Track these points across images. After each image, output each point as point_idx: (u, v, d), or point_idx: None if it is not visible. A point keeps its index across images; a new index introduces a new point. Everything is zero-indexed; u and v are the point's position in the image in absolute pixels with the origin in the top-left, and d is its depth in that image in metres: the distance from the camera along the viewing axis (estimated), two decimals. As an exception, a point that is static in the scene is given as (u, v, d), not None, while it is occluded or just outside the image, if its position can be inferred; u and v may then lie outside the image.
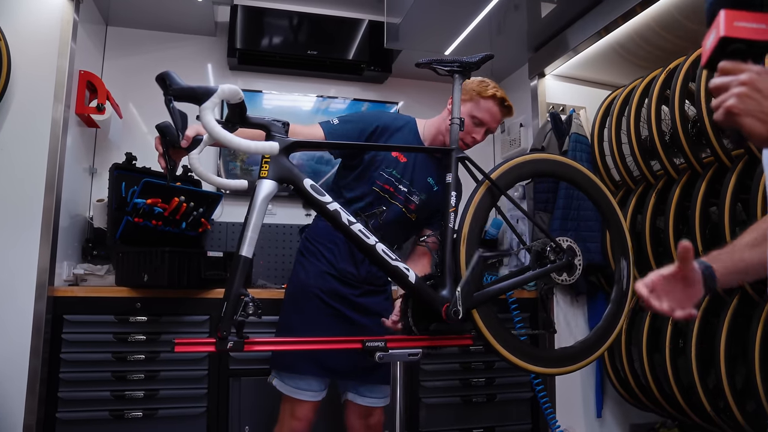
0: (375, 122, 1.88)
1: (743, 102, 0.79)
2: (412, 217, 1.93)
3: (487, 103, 1.85)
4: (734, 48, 0.82)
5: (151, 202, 2.35)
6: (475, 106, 1.86)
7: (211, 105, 1.16)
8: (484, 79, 1.92)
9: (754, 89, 0.79)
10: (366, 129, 1.86)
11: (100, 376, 2.33)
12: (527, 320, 2.78)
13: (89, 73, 2.66)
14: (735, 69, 0.81)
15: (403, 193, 1.90)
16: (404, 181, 1.90)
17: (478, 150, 3.60)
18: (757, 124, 0.78)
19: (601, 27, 2.61)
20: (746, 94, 0.79)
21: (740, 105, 0.79)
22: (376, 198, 1.87)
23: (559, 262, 1.54)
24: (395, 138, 1.90)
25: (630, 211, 2.52)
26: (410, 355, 1.37)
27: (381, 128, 1.88)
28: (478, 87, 1.87)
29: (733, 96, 0.80)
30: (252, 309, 1.22)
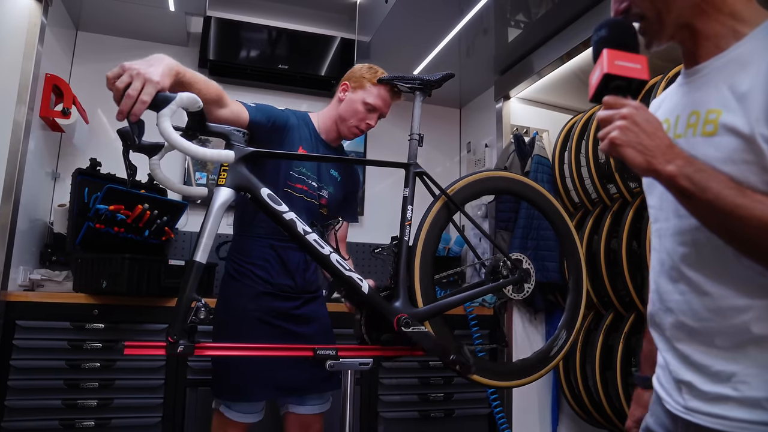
0: (285, 118, 1.88)
1: (624, 134, 0.85)
2: (323, 212, 1.94)
3: (378, 89, 1.92)
4: (616, 84, 0.90)
5: (113, 209, 2.33)
6: (367, 94, 1.92)
7: (169, 112, 1.18)
8: (372, 65, 1.97)
9: (633, 123, 0.85)
10: (277, 121, 1.84)
11: (52, 384, 2.28)
12: (486, 336, 2.82)
13: (55, 76, 2.64)
14: (616, 104, 0.88)
15: (315, 189, 1.91)
16: (313, 176, 1.91)
17: (444, 169, 3.70)
18: (636, 155, 0.84)
19: (564, 53, 2.70)
20: (626, 127, 0.85)
21: (622, 137, 0.85)
22: (288, 200, 1.74)
23: (512, 277, 1.58)
24: (300, 134, 1.91)
25: (587, 232, 2.59)
26: (361, 364, 1.39)
27: (289, 126, 1.88)
28: (368, 74, 1.93)
29: (616, 128, 0.86)
30: (204, 314, 1.22)
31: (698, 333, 0.93)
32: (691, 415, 0.94)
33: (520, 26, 2.85)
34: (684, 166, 0.83)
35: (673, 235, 0.98)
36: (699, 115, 0.93)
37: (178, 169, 3.16)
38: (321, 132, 2.01)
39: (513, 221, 2.81)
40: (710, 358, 0.91)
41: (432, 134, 3.71)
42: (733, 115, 0.87)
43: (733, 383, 0.88)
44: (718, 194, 0.81)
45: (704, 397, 0.92)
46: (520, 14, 2.80)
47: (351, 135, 1.99)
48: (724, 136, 0.87)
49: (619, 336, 2.35)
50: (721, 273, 0.91)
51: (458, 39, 2.88)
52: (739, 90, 0.87)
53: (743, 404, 0.86)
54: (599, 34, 0.95)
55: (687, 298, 0.95)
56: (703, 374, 0.92)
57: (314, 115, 2.04)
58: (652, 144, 0.84)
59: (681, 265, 0.96)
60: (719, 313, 0.90)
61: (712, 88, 0.92)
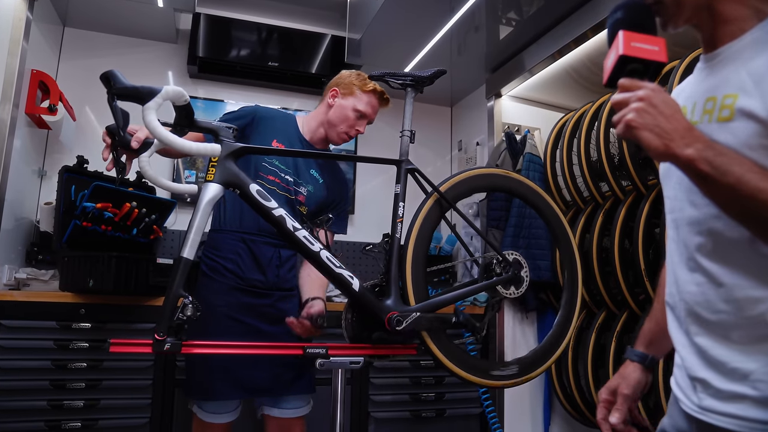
0: (252, 114, 1.91)
1: (641, 116, 0.82)
2: (302, 210, 1.92)
3: (368, 96, 1.95)
4: (632, 67, 0.87)
5: (101, 207, 2.29)
6: (357, 101, 1.95)
7: (155, 105, 1.16)
8: (360, 72, 1.99)
9: (650, 105, 0.82)
10: (243, 121, 1.87)
11: (37, 385, 2.24)
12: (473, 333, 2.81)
13: (42, 72, 2.60)
14: (633, 86, 0.85)
15: (290, 183, 1.89)
16: (289, 171, 1.90)
17: (435, 168, 3.69)
18: (653, 138, 0.81)
19: (555, 50, 2.69)
20: (643, 109, 0.82)
21: (638, 119, 0.82)
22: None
23: (505, 275, 1.57)
24: (274, 127, 1.92)
25: (579, 230, 2.58)
26: (352, 362, 1.37)
27: (258, 117, 1.90)
28: (358, 81, 1.96)
29: (632, 111, 0.83)
30: (191, 311, 1.21)
31: (714, 326, 0.91)
32: (706, 414, 0.91)
33: (512, 24, 2.85)
34: (704, 149, 0.80)
35: (688, 224, 0.96)
36: (715, 100, 0.91)
37: (167, 168, 3.12)
38: (305, 133, 2.01)
39: (504, 220, 2.79)
40: (727, 354, 0.88)
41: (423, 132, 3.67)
42: (749, 98, 0.85)
43: (751, 381, 0.85)
44: (740, 178, 0.78)
45: (720, 395, 0.89)
46: (512, 12, 2.80)
47: (340, 140, 2.00)
48: (740, 122, 0.85)
49: (612, 335, 2.34)
50: (737, 263, 0.88)
51: (449, 36, 2.87)
52: (758, 72, 0.84)
53: (760, 404, 0.84)
54: (615, 15, 0.92)
55: (703, 290, 0.93)
56: (719, 371, 0.89)
57: (300, 118, 2.05)
58: (670, 127, 0.81)
59: (697, 255, 0.94)
60: (735, 305, 0.88)
61: (729, 71, 0.90)
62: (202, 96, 3.29)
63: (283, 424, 1.91)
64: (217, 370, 1.80)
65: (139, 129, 1.40)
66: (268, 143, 1.88)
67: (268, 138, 1.89)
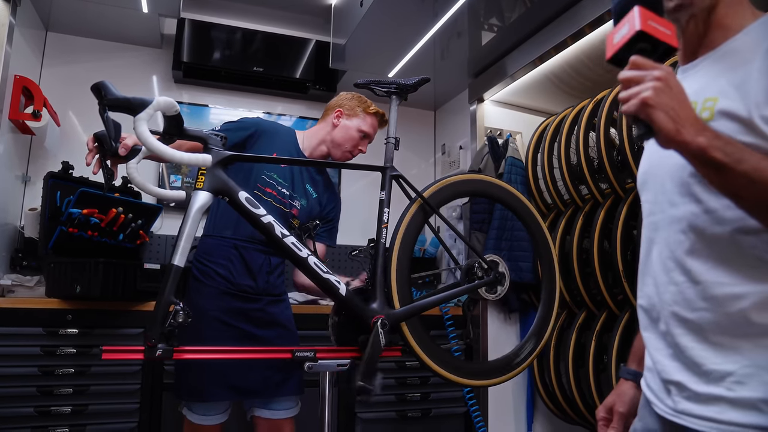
0: (254, 126, 1.97)
1: (659, 96, 0.80)
2: (294, 222, 1.98)
3: (371, 118, 2.07)
4: (642, 46, 0.85)
5: (87, 212, 2.30)
6: (362, 122, 2.05)
7: (146, 116, 1.18)
8: (360, 95, 2.08)
9: (668, 86, 0.81)
10: (245, 133, 1.94)
11: (24, 392, 2.24)
12: (461, 336, 2.86)
13: (25, 78, 2.60)
14: (648, 65, 0.83)
15: (286, 197, 1.95)
16: (285, 185, 1.96)
17: (420, 171, 3.73)
18: (667, 121, 0.80)
19: (536, 56, 2.75)
20: (661, 89, 0.80)
21: (656, 98, 0.80)
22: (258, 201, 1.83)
23: (487, 278, 1.61)
24: (274, 141, 1.97)
25: (560, 233, 2.64)
26: (339, 365, 1.41)
27: (260, 131, 1.96)
28: (361, 104, 2.06)
29: (649, 89, 0.80)
30: (182, 317, 1.23)
31: (693, 325, 0.91)
32: (681, 417, 0.92)
33: (494, 30, 2.90)
34: (713, 138, 0.80)
35: (670, 224, 0.97)
36: (696, 104, 0.93)
37: (152, 173, 3.13)
38: (304, 149, 2.07)
39: (487, 222, 2.85)
40: (705, 354, 0.89)
41: (407, 136, 3.74)
42: (730, 101, 0.87)
43: (728, 383, 0.86)
44: (757, 166, 0.78)
45: (696, 398, 0.90)
46: (494, 18, 2.85)
47: (343, 158, 2.08)
48: (721, 121, 0.88)
49: (591, 334, 2.40)
50: (717, 259, 0.89)
51: (433, 42, 2.91)
52: (738, 77, 0.87)
53: (737, 406, 0.85)
54: None
55: (681, 288, 0.94)
56: (695, 373, 0.90)
57: (300, 133, 2.10)
58: (683, 113, 0.80)
59: (676, 253, 0.95)
60: (714, 302, 0.89)
61: (709, 78, 0.94)
62: (187, 101, 3.30)
63: (273, 425, 1.95)
64: (208, 373, 1.83)
65: (127, 136, 1.43)
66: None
67: (268, 151, 1.94)
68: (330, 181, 2.14)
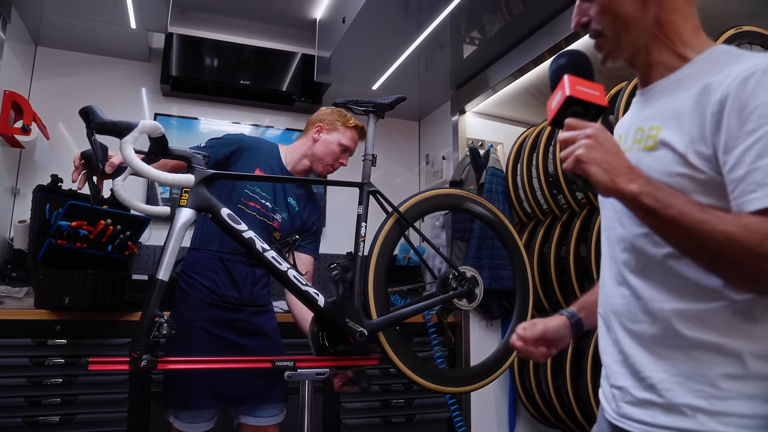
0: (237, 143, 2.01)
1: (590, 152, 0.88)
2: (276, 235, 2.03)
3: (351, 131, 2.13)
4: (575, 109, 0.95)
5: (76, 225, 2.35)
6: (342, 136, 2.11)
7: (132, 139, 1.24)
8: (340, 110, 2.14)
9: (598, 142, 0.88)
10: (228, 149, 1.98)
11: (12, 402, 2.28)
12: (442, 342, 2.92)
13: (14, 93, 2.65)
14: (580, 125, 0.92)
15: (269, 209, 2.01)
16: (269, 198, 2.02)
17: (405, 180, 3.80)
18: (601, 173, 0.87)
19: (516, 69, 2.83)
20: (592, 146, 0.88)
21: (588, 155, 0.88)
22: (240, 215, 1.83)
23: (461, 289, 1.68)
24: (258, 156, 2.03)
25: (539, 241, 2.72)
26: (318, 374, 1.47)
27: (243, 147, 2.01)
28: (340, 118, 2.12)
29: (581, 147, 0.89)
30: (166, 329, 1.29)
31: (636, 335, 0.99)
32: (622, 421, 0.99)
33: (475, 43, 2.97)
34: (645, 185, 0.86)
35: (617, 242, 1.04)
36: (643, 130, 1.00)
37: (141, 184, 3.18)
38: (287, 163, 2.12)
39: (469, 231, 2.92)
40: (644, 362, 0.96)
41: (392, 146, 3.82)
42: (670, 131, 0.94)
43: (659, 390, 0.93)
44: (682, 210, 0.83)
45: (635, 402, 0.97)
46: (475, 31, 2.93)
47: (325, 172, 2.14)
48: (662, 151, 0.94)
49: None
50: (654, 278, 0.96)
51: (417, 54, 2.98)
52: (678, 109, 0.94)
53: (666, 410, 0.92)
54: (559, 62, 1.01)
55: (627, 302, 1.01)
56: (636, 378, 0.97)
57: (282, 148, 2.16)
58: (615, 164, 0.87)
59: (622, 269, 1.03)
60: (651, 316, 0.96)
61: (656, 106, 1.01)
62: (176, 114, 3.35)
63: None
64: (194, 381, 1.88)
65: (114, 155, 1.48)
66: (251, 171, 1.99)
67: (251, 166, 1.99)
68: (312, 194, 2.20)
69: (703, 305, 0.90)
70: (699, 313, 0.91)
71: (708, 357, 0.89)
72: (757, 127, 0.81)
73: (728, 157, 0.84)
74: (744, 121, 0.83)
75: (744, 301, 0.88)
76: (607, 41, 1.04)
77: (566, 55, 1.02)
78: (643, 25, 1.00)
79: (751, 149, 0.81)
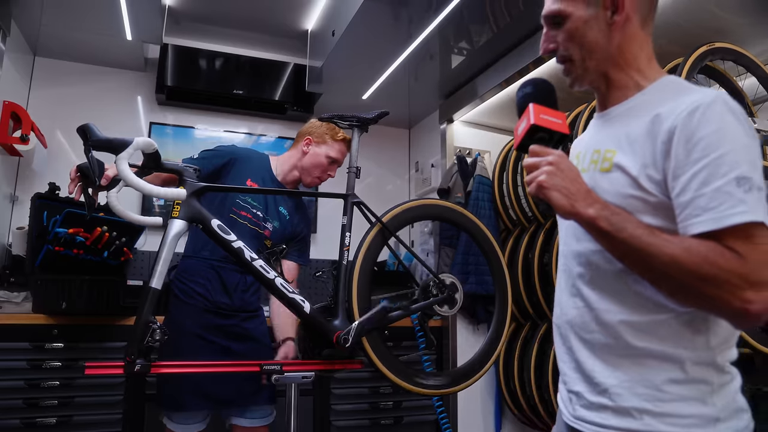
0: (229, 154, 2.09)
1: (551, 178, 0.96)
2: (267, 243, 2.11)
3: (339, 144, 2.19)
4: (540, 136, 1.02)
5: (73, 232, 2.41)
6: (330, 148, 2.18)
7: (127, 155, 1.32)
8: (328, 123, 2.18)
9: (558, 169, 0.96)
10: (221, 161, 2.06)
11: (10, 404, 2.35)
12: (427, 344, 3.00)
13: (13, 103, 2.72)
14: (543, 152, 1.00)
15: (260, 218, 2.08)
16: (260, 207, 2.09)
17: (395, 186, 3.88)
18: (561, 198, 0.95)
19: (503, 79, 2.91)
20: (553, 173, 0.96)
21: (549, 181, 0.96)
22: (232, 224, 1.94)
23: (441, 296, 1.76)
24: (249, 167, 2.10)
25: (523, 248, 2.80)
26: (304, 377, 1.55)
27: (235, 158, 2.08)
28: (329, 131, 2.18)
29: (543, 173, 0.96)
30: (159, 335, 1.36)
31: (589, 344, 1.06)
32: (578, 423, 1.07)
33: (463, 53, 3.05)
34: (601, 209, 0.94)
35: (573, 256, 1.12)
36: (600, 153, 1.08)
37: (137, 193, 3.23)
38: (278, 174, 2.20)
39: (456, 238, 3.00)
40: (596, 368, 1.04)
41: (383, 153, 3.91)
42: (625, 156, 1.01)
43: (610, 394, 1.01)
44: (632, 234, 0.91)
45: (589, 406, 1.04)
46: (463, 42, 3.01)
47: (313, 183, 2.21)
48: (615, 173, 1.02)
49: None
50: (607, 291, 1.04)
51: (406, 64, 3.05)
52: (632, 135, 1.01)
53: (617, 412, 0.99)
54: (525, 90, 1.08)
55: (581, 312, 1.08)
56: (589, 384, 1.05)
57: (273, 159, 2.23)
58: (574, 189, 0.95)
59: (577, 282, 1.10)
60: (603, 326, 1.03)
61: (612, 130, 1.08)
62: (171, 123, 3.43)
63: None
64: (187, 384, 1.96)
65: (109, 167, 1.56)
66: (242, 181, 2.06)
67: (243, 177, 2.07)
68: (302, 204, 2.27)
69: (651, 317, 0.98)
70: (647, 324, 0.98)
71: (654, 364, 0.97)
72: (701, 156, 0.89)
73: (676, 183, 0.92)
74: (690, 151, 0.90)
75: (687, 314, 0.95)
76: (574, 67, 1.11)
77: (532, 84, 1.09)
78: (606, 52, 1.07)
79: (696, 177, 0.89)
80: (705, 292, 0.87)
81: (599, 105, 1.16)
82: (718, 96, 0.93)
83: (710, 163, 0.88)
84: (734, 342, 1.00)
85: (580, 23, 1.06)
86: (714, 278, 0.85)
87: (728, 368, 0.97)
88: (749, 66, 2.19)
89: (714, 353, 0.96)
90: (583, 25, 1.06)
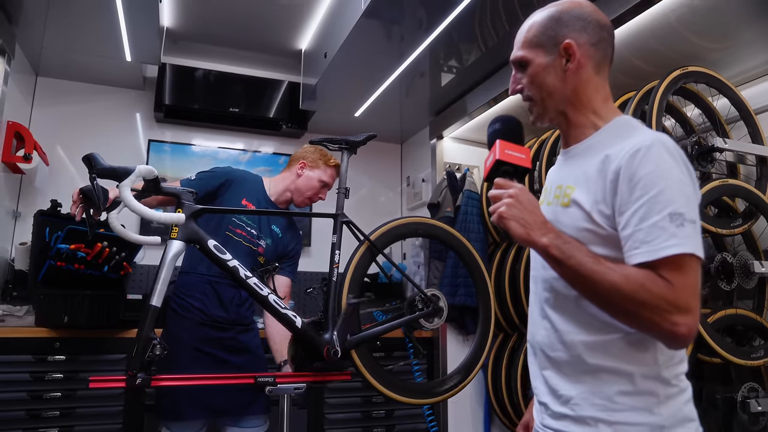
0: (225, 176, 2.20)
1: (510, 210, 1.07)
2: (261, 260, 2.21)
3: (331, 170, 2.33)
4: (505, 169, 1.13)
5: (74, 248, 2.50)
6: (323, 173, 2.30)
7: (129, 182, 1.42)
8: (321, 148, 2.33)
9: (518, 201, 1.07)
10: (217, 181, 2.17)
11: (14, 415, 2.42)
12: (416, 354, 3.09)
13: (17, 124, 2.81)
14: (505, 185, 1.11)
15: (254, 236, 2.19)
16: (253, 225, 2.20)
17: (387, 199, 3.98)
18: (518, 227, 1.06)
19: (491, 98, 3.01)
20: (512, 204, 1.07)
21: (508, 212, 1.07)
22: (227, 241, 2.07)
23: (426, 310, 1.85)
24: (244, 188, 2.22)
25: (510, 261, 2.90)
26: (296, 389, 1.64)
27: (230, 180, 2.19)
28: (322, 157, 2.31)
29: (504, 204, 1.08)
30: (159, 350, 1.45)
31: (554, 361, 1.16)
32: (545, 430, 1.17)
33: (453, 72, 3.15)
34: (554, 238, 1.04)
35: (540, 281, 1.22)
36: (562, 188, 1.18)
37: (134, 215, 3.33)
38: (271, 195, 2.31)
39: (445, 252, 3.10)
40: (560, 383, 1.14)
41: (376, 167, 4.01)
42: (581, 192, 1.12)
43: (571, 405, 1.11)
44: (580, 261, 1.00)
45: (554, 415, 1.15)
46: (453, 60, 3.11)
47: (304, 204, 2.34)
48: (573, 208, 1.12)
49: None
50: (568, 314, 1.14)
51: (398, 82, 3.15)
52: (588, 173, 1.12)
53: (576, 421, 1.10)
54: (494, 126, 1.19)
55: (548, 333, 1.18)
56: (554, 396, 1.15)
57: (267, 180, 2.34)
58: (531, 220, 1.06)
59: (544, 305, 1.20)
60: (565, 346, 1.14)
61: (573, 168, 1.18)
62: (169, 140, 3.53)
63: None
64: (184, 395, 2.05)
65: (110, 190, 1.66)
66: (238, 202, 2.17)
67: (238, 197, 2.18)
68: (293, 223, 2.38)
69: (603, 337, 1.09)
70: (600, 344, 1.09)
71: (607, 378, 1.07)
72: (641, 195, 1.00)
73: (621, 219, 1.03)
74: (632, 189, 1.01)
75: (635, 333, 1.05)
76: (536, 106, 1.21)
77: (500, 120, 1.21)
78: (563, 95, 1.17)
79: (636, 213, 1.00)
80: (640, 315, 0.97)
81: (563, 142, 1.26)
82: (657, 138, 1.04)
83: (648, 201, 0.99)
84: (682, 358, 1.10)
85: (540, 69, 1.17)
86: (647, 303, 0.95)
87: (675, 381, 1.07)
88: (721, 88, 2.30)
89: (660, 368, 1.06)
90: (542, 71, 1.17)
